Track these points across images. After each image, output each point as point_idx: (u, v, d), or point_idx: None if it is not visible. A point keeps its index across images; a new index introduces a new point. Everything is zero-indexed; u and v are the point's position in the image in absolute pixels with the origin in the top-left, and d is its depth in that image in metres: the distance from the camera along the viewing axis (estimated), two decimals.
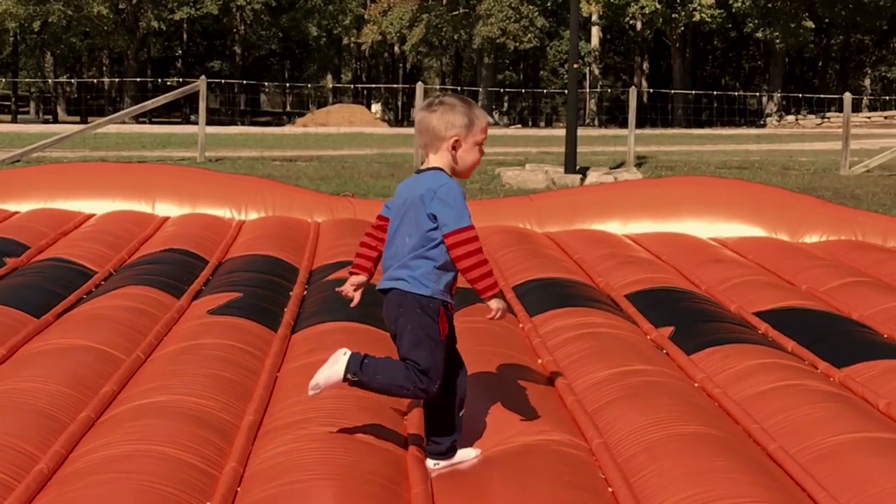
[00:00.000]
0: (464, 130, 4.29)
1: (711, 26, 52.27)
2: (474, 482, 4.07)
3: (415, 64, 71.74)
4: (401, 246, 4.26)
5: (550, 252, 9.09)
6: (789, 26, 49.45)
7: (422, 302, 4.23)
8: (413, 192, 4.25)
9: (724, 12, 50.51)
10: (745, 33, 53.89)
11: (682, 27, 53.19)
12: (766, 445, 4.60)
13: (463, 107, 4.31)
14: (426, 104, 4.37)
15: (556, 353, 5.97)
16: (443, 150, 4.30)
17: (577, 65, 20.54)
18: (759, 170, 22.75)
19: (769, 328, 6.72)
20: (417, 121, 4.38)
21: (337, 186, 17.32)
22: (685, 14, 50.58)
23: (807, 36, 51.23)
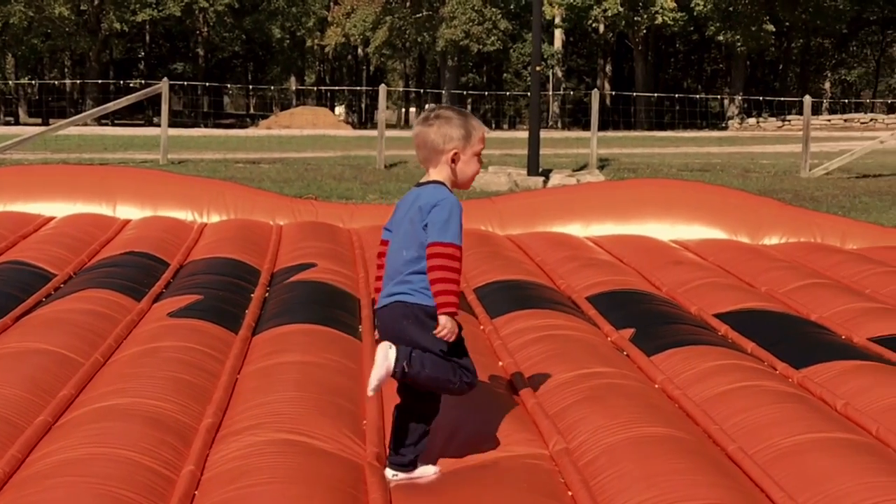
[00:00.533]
0: (462, 143, 4.30)
1: (673, 29, 52.49)
2: (432, 488, 4.06)
3: (378, 66, 71.76)
4: (398, 261, 4.25)
5: (512, 254, 9.10)
6: (750, 29, 49.69)
7: (427, 311, 4.20)
8: (416, 207, 4.23)
9: (685, 15, 50.74)
10: (707, 36, 54.14)
11: (645, 30, 53.40)
12: (725, 446, 4.61)
13: (459, 119, 4.32)
14: (422, 118, 4.38)
15: (517, 355, 5.98)
16: (442, 164, 4.31)
17: (540, 67, 20.59)
18: (720, 172, 22.87)
19: (729, 330, 6.75)
20: (415, 135, 4.37)
21: (300, 189, 17.30)
22: (647, 17, 50.78)
23: (767, 39, 51.50)
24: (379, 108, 24.25)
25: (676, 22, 50.72)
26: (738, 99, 52.38)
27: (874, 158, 26.06)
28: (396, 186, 18.51)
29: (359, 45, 64.41)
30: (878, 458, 4.42)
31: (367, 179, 19.74)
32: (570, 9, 52.12)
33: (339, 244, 9.27)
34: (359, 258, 8.81)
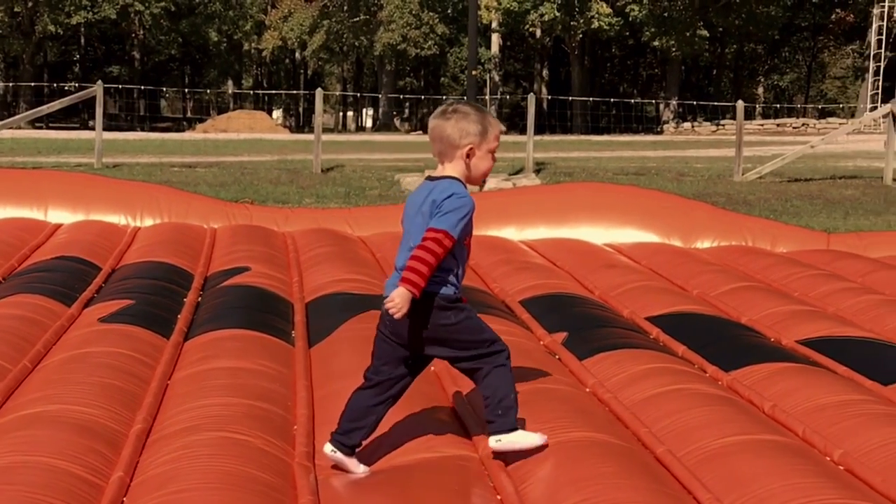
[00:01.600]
0: (478, 138, 4.31)
1: (609, 34, 52.79)
2: (362, 491, 4.06)
3: (316, 70, 71.59)
4: (408, 253, 4.23)
5: None
6: (685, 35, 50.09)
7: (446, 300, 4.26)
8: (429, 200, 4.24)
9: (621, 21, 51.04)
10: (643, 42, 54.51)
11: (581, 35, 53.66)
12: (654, 449, 4.65)
13: (477, 114, 4.33)
14: (440, 112, 4.38)
15: None
16: (457, 159, 4.32)
17: (476, 72, 20.64)
18: (655, 176, 23.02)
19: (660, 333, 6.80)
20: (431, 128, 4.37)
21: (236, 193, 17.22)
22: (584, 22, 51.03)
23: (702, 45, 51.94)
24: (316, 112, 24.19)
25: (612, 27, 51.01)
26: (672, 103, 52.75)
27: (805, 163, 26.35)
28: (333, 190, 18.49)
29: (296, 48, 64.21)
30: (803, 459, 4.47)
31: (304, 183, 19.69)
32: (507, 13, 52.26)
33: (273, 248, 9.25)
34: (293, 262, 8.79)
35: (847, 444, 4.77)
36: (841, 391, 5.43)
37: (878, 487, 4.34)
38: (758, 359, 6.07)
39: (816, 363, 6.19)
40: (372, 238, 10.03)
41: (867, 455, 4.64)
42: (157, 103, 67.68)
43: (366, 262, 8.80)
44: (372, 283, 7.88)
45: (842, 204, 17.95)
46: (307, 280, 8.09)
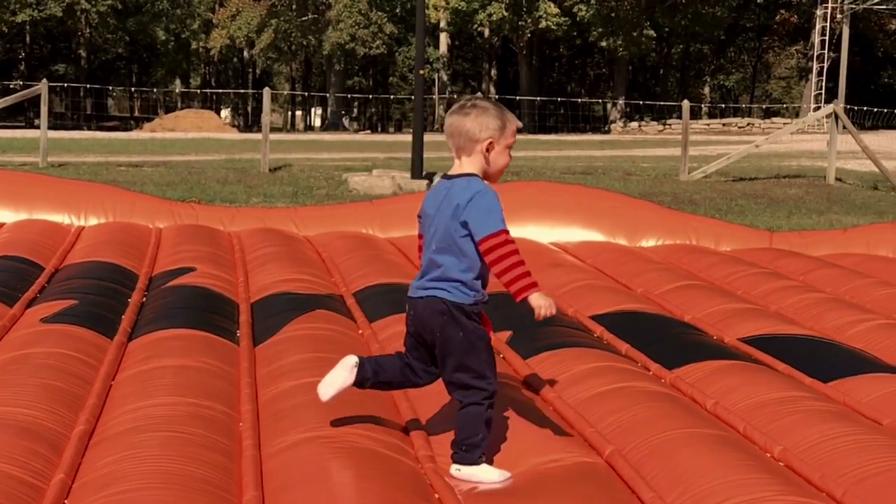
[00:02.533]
0: (497, 132, 4.33)
1: (557, 34, 52.97)
2: (306, 483, 4.06)
3: (264, 69, 71.33)
4: (436, 255, 4.29)
5: (392, 257, 9.13)
6: (632, 35, 50.34)
7: (465, 310, 4.29)
8: (449, 201, 4.26)
9: (569, 21, 51.22)
10: (590, 41, 54.73)
11: (529, 35, 53.79)
12: (601, 450, 4.67)
13: (495, 109, 4.35)
14: (458, 107, 4.39)
15: None
16: (476, 153, 4.33)
17: (424, 71, 20.66)
18: (602, 175, 23.13)
19: (604, 331, 6.85)
20: (448, 124, 4.37)
21: (183, 192, 17.15)
22: (531, 22, 51.16)
23: (648, 45, 52.22)
24: (263, 111, 24.12)
25: (560, 27, 51.19)
26: (620, 103, 53.01)
27: (750, 162, 26.57)
28: (280, 189, 18.44)
29: (244, 47, 63.96)
30: (745, 455, 4.52)
31: (252, 183, 19.64)
32: (456, 13, 52.33)
33: (219, 248, 9.22)
34: (239, 262, 8.77)
35: (786, 440, 4.83)
36: (781, 388, 5.49)
37: (816, 483, 4.40)
38: (700, 357, 6.13)
39: (758, 361, 6.26)
40: (318, 238, 10.02)
41: (806, 451, 4.70)
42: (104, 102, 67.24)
43: (311, 262, 8.80)
44: (317, 282, 7.89)
45: (785, 203, 18.12)
46: (253, 280, 8.08)
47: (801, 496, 4.10)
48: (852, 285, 8.61)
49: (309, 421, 4.71)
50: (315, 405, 4.90)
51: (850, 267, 9.38)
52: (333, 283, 8.17)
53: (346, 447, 4.39)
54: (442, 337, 4.31)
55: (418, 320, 4.38)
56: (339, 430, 4.59)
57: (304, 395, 5.06)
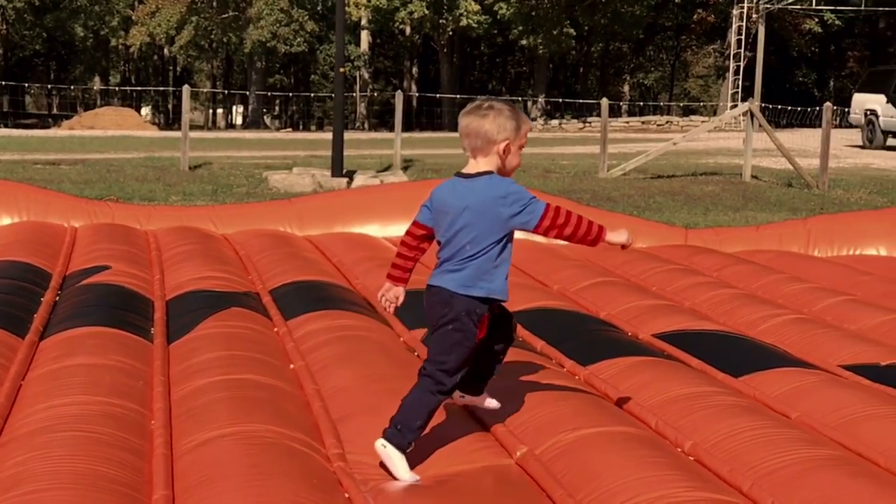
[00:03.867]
0: (513, 134, 4.41)
1: (478, 32, 53.08)
2: (213, 480, 4.06)
3: (185, 66, 70.77)
4: (458, 250, 4.35)
5: (309, 255, 9.13)
6: (552, 33, 50.56)
7: (468, 307, 4.35)
8: (471, 199, 4.32)
9: (489, 19, 51.34)
10: (511, 39, 54.90)
11: (450, 32, 53.87)
12: (513, 450, 4.68)
13: (510, 111, 4.44)
14: (474, 108, 4.45)
15: (309, 357, 6.00)
16: (493, 154, 4.40)
17: (344, 69, 20.63)
18: (521, 173, 23.19)
19: (521, 328, 6.88)
20: (464, 125, 4.43)
21: (101, 191, 16.98)
22: (452, 20, 51.24)
23: (568, 43, 52.48)
24: (183, 109, 23.94)
25: (481, 25, 51.28)
26: (540, 101, 53.23)
27: (668, 159, 26.78)
28: (200, 188, 18.32)
29: (164, 44, 63.43)
30: (656, 451, 4.58)
31: (171, 181, 19.49)
32: (377, 11, 52.24)
33: (134, 246, 9.16)
34: (155, 260, 8.72)
35: (697, 435, 4.90)
36: (693, 384, 5.56)
37: (725, 477, 4.47)
38: (614, 353, 6.19)
39: (671, 357, 6.34)
40: (236, 236, 9.99)
41: (716, 445, 4.77)
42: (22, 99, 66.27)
43: (228, 260, 8.77)
44: (233, 280, 7.86)
45: (702, 200, 18.31)
46: (168, 278, 8.04)
47: (709, 491, 4.15)
48: (764, 281, 8.74)
49: (221, 418, 4.70)
50: (227, 402, 4.91)
51: (762, 263, 9.52)
52: (250, 280, 8.15)
53: (257, 444, 4.39)
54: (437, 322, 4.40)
55: (428, 306, 4.47)
56: (251, 428, 4.58)
57: (217, 392, 5.05)
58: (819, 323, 7.29)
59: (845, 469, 4.43)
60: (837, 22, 55.89)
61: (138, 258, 8.67)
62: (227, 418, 4.69)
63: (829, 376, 5.93)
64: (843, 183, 21.74)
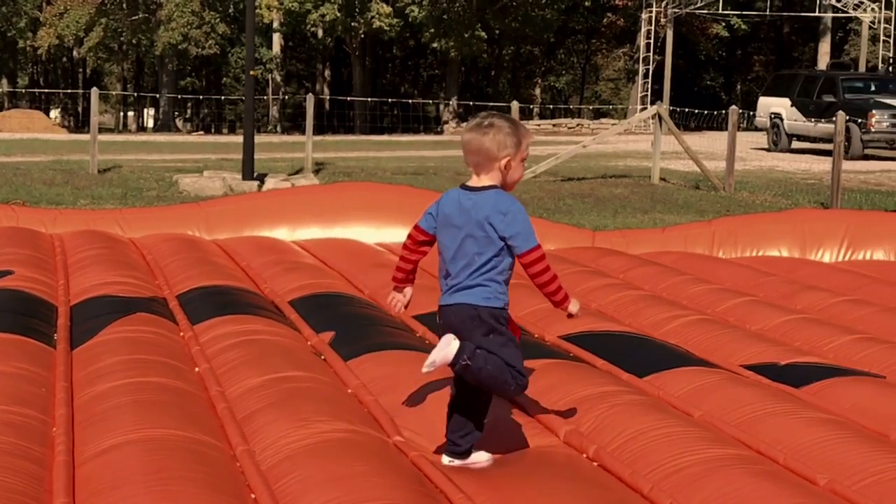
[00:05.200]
0: (514, 150, 4.53)
1: (390, 35, 53.04)
2: (116, 486, 4.03)
3: (95, 69, 69.95)
4: (468, 263, 4.47)
5: (217, 259, 9.08)
6: (463, 36, 50.63)
7: (495, 314, 4.50)
8: (477, 213, 4.45)
9: (401, 21, 51.34)
10: (423, 42, 54.95)
11: (362, 35, 53.79)
12: (408, 451, 4.69)
13: (510, 127, 4.54)
14: (475, 125, 4.56)
15: (214, 361, 5.97)
16: (494, 170, 4.53)
17: (255, 72, 20.53)
18: (433, 175, 23.25)
19: (427, 331, 6.90)
20: (466, 141, 4.56)
21: (7, 194, 16.77)
22: (364, 22, 51.16)
23: (480, 46, 52.58)
24: (92, 111, 23.67)
25: (393, 28, 51.25)
26: (452, 104, 53.31)
27: (578, 162, 26.95)
28: (109, 191, 18.16)
29: (73, 46, 62.65)
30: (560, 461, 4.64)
31: (79, 184, 19.28)
32: (289, 13, 52.00)
33: (39, 250, 9.04)
34: (60, 264, 8.61)
35: (602, 437, 4.95)
36: (599, 384, 5.62)
37: (626, 480, 4.53)
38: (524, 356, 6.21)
39: (578, 358, 6.39)
40: (143, 240, 9.91)
41: (620, 447, 4.82)
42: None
43: (135, 265, 8.69)
44: (140, 285, 7.80)
45: (612, 202, 18.49)
46: (73, 283, 7.96)
47: (606, 501, 4.21)
48: (669, 282, 8.85)
49: (125, 423, 4.67)
50: (131, 406, 4.87)
51: (667, 264, 9.63)
52: (157, 285, 8.09)
53: (161, 448, 4.37)
54: (469, 339, 4.49)
55: (448, 326, 4.56)
56: (155, 432, 4.56)
57: (121, 396, 5.02)
58: (722, 323, 7.39)
59: (745, 468, 4.49)
60: (744, 27, 56.67)
61: (43, 263, 8.56)
62: (131, 423, 4.66)
63: (731, 375, 6.02)
64: (749, 185, 22.06)
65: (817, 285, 8.84)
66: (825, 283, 8.97)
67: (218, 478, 4.18)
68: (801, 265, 9.87)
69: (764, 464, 4.65)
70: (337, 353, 6.27)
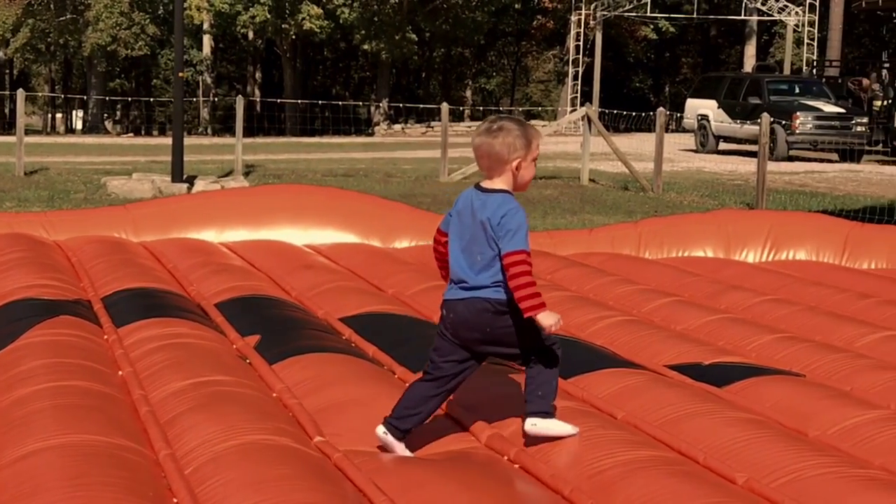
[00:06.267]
0: (524, 152, 4.70)
1: (321, 37, 52.90)
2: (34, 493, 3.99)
3: (22, 70, 69.15)
4: (472, 262, 4.69)
5: (144, 261, 9.01)
6: (394, 38, 50.61)
7: (504, 305, 4.68)
8: (482, 214, 4.67)
9: (332, 23, 51.21)
10: (353, 44, 54.85)
11: (293, 37, 53.60)
12: (331, 454, 4.67)
13: (519, 129, 4.71)
14: (485, 129, 4.73)
15: (138, 364, 5.92)
16: (506, 172, 4.71)
17: (184, 74, 20.43)
18: (363, 177, 23.24)
19: (353, 333, 6.88)
20: (476, 146, 4.74)
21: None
22: (295, 24, 50.98)
23: (410, 48, 52.58)
24: (18, 112, 23.42)
25: (323, 30, 51.11)
26: (383, 105, 53.27)
27: None
28: (35, 194, 17.99)
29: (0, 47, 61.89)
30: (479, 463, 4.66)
31: (5, 187, 19.07)
32: (219, 15, 51.71)
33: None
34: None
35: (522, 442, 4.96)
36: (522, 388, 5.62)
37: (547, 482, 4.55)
38: None
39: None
40: (68, 242, 9.81)
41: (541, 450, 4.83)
42: None
43: (59, 267, 8.60)
44: (64, 287, 7.73)
45: (541, 203, 18.58)
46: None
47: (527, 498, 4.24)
48: (596, 283, 8.90)
49: (46, 429, 4.61)
50: (52, 411, 4.82)
51: (594, 265, 9.68)
52: (82, 288, 8.01)
53: (82, 453, 4.33)
54: (493, 332, 4.72)
55: (459, 320, 4.72)
56: (76, 437, 4.52)
57: (42, 401, 4.96)
58: (647, 324, 7.44)
59: (665, 468, 4.54)
60: (672, 29, 57.15)
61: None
62: (51, 428, 4.61)
63: (654, 376, 6.07)
64: (677, 186, 22.27)
65: (741, 285, 8.93)
66: (749, 283, 9.06)
67: (139, 482, 4.15)
68: (726, 265, 9.96)
69: (684, 464, 4.69)
70: (262, 356, 6.24)
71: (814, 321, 7.62)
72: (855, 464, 4.70)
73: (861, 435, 5.16)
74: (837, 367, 6.38)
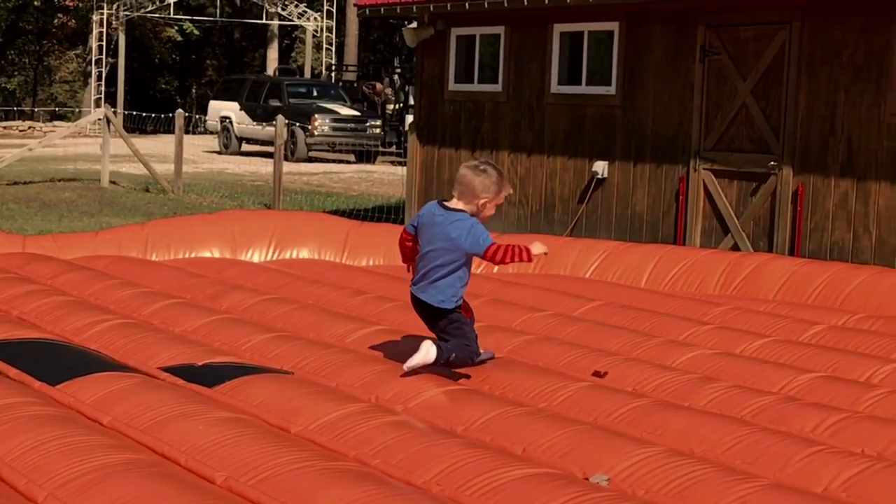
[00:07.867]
0: (493, 195, 5.97)
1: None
2: None
3: None
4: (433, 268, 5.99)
5: None
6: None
7: (446, 312, 6.03)
8: (446, 230, 5.93)
9: None
10: None
11: None
12: None
13: (497, 177, 5.98)
14: (473, 166, 6.01)
15: None
16: (472, 203, 5.96)
17: None
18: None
19: None
20: (461, 175, 5.97)
21: None
22: None
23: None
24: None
25: None
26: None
27: (26, 165, 26.02)
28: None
29: None
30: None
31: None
32: None
33: None
34: None
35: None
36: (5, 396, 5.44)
37: (21, 489, 4.46)
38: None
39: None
40: None
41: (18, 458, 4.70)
42: None
43: None
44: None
45: (58, 206, 18.14)
46: None
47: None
48: (97, 287, 8.72)
49: None
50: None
51: (99, 269, 9.51)
52: None
53: None
54: (437, 327, 6.11)
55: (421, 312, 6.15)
56: None
57: None
58: (145, 326, 7.37)
59: (144, 471, 4.48)
60: (196, 32, 57.04)
61: None
62: None
63: (146, 379, 6.00)
64: (198, 187, 22.28)
65: (243, 285, 9.01)
66: (251, 283, 9.17)
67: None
68: (231, 265, 10.02)
69: (165, 466, 4.67)
70: None
71: (308, 319, 7.77)
72: (330, 457, 4.81)
73: (339, 428, 5.31)
74: (326, 363, 6.54)
